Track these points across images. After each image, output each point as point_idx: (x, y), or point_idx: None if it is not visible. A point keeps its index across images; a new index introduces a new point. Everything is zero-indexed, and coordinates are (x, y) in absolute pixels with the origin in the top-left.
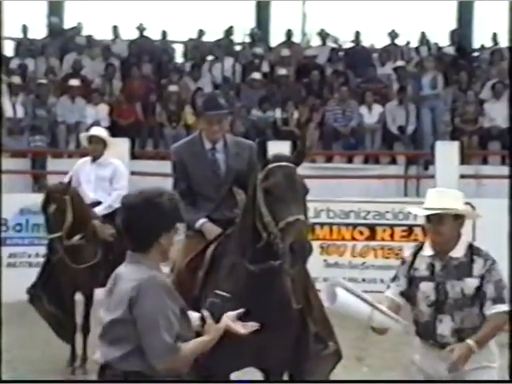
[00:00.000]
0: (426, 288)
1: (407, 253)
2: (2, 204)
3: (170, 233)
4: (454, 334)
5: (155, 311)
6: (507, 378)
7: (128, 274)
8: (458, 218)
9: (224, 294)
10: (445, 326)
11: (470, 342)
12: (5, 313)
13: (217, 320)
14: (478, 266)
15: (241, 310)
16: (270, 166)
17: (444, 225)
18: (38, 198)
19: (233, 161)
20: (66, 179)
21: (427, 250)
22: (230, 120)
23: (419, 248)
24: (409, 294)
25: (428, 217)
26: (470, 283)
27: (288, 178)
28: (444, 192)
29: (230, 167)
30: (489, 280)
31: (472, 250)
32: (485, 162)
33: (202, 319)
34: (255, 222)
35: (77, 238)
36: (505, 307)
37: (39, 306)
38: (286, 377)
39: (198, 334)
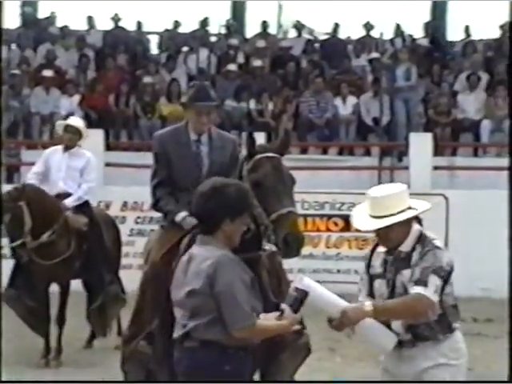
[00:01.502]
0: (379, 285)
1: (367, 249)
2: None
3: (235, 221)
4: (408, 331)
5: (233, 285)
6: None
7: (200, 253)
8: (404, 221)
9: (302, 288)
10: (397, 323)
11: (367, 303)
12: None
13: (295, 311)
14: (415, 256)
15: None
16: (258, 156)
17: (389, 232)
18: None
19: (216, 154)
20: (35, 168)
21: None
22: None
23: (376, 244)
24: (371, 293)
25: None
26: (407, 275)
27: (276, 169)
28: (385, 197)
29: (214, 160)
30: (418, 265)
31: (418, 240)
32: (454, 153)
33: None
34: None
35: (46, 235)
36: (421, 289)
37: (15, 305)
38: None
39: None
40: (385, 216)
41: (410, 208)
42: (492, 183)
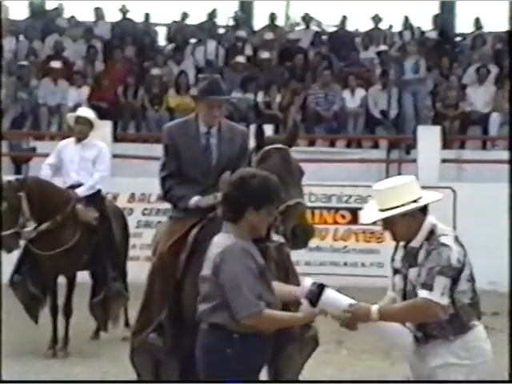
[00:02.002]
0: (398, 280)
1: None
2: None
3: (260, 211)
4: (419, 329)
5: (237, 275)
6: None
7: (218, 240)
8: (407, 213)
9: (321, 283)
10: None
11: (374, 307)
12: None
13: (313, 305)
14: (421, 254)
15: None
16: (266, 148)
17: (394, 225)
18: None
19: (225, 146)
20: (48, 160)
21: None
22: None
23: None
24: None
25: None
26: (413, 272)
27: (285, 161)
28: (389, 189)
29: (223, 153)
30: (424, 265)
31: (427, 236)
32: (462, 146)
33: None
34: None
35: (44, 225)
36: (427, 294)
37: (19, 289)
38: None
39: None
40: (388, 209)
41: (415, 201)
42: (500, 176)
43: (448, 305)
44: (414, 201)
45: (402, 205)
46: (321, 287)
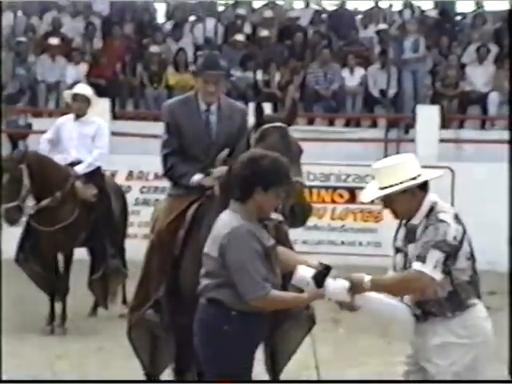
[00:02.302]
0: (399, 259)
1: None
2: None
3: (268, 191)
4: (418, 306)
5: (244, 258)
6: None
7: (225, 218)
8: (407, 191)
9: (328, 264)
10: (408, 298)
11: (366, 277)
12: None
13: (318, 286)
14: (419, 230)
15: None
16: (265, 126)
17: (394, 203)
18: None
19: (225, 124)
20: (45, 136)
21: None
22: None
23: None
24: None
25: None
26: (411, 248)
27: (284, 139)
28: (388, 167)
29: (222, 130)
30: (420, 239)
31: (427, 214)
32: (461, 126)
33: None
34: None
35: (45, 201)
36: (419, 266)
37: (25, 266)
38: None
39: None
40: (387, 187)
41: (414, 178)
42: (499, 156)
43: (441, 280)
44: (413, 178)
45: (401, 182)
46: (327, 268)
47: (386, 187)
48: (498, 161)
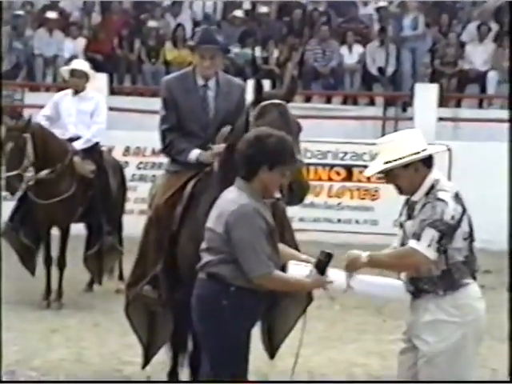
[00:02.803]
0: (400, 234)
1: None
2: None
3: (273, 170)
4: (411, 283)
5: (251, 236)
6: None
7: (230, 195)
8: (409, 165)
9: (329, 252)
10: (404, 274)
11: (364, 254)
12: None
13: (321, 273)
14: (418, 207)
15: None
16: (264, 103)
17: (397, 178)
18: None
19: (223, 99)
20: (43, 111)
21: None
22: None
23: None
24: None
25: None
26: (409, 225)
27: (283, 116)
28: (391, 141)
29: (220, 106)
30: (417, 217)
31: (428, 191)
32: (459, 105)
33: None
34: None
35: (44, 172)
36: (413, 243)
37: (11, 238)
38: None
39: None
40: (390, 161)
41: (417, 153)
42: (496, 135)
43: (435, 258)
44: (417, 153)
45: (403, 157)
46: (329, 256)
47: (389, 161)
48: (496, 140)
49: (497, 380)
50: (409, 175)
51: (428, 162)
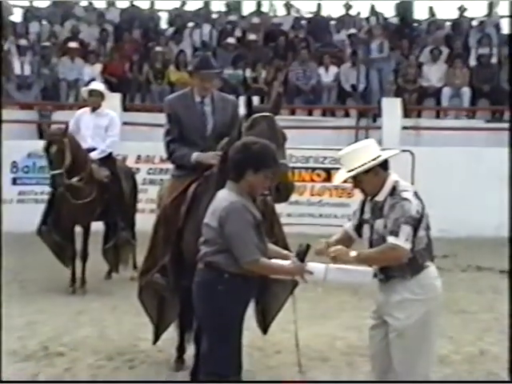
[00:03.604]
0: (366, 229)
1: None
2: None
3: (258, 173)
4: (382, 272)
5: (240, 228)
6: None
7: (223, 195)
8: (369, 171)
9: (307, 243)
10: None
11: (353, 252)
12: (14, 242)
13: (301, 260)
14: (387, 206)
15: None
16: (254, 116)
17: (361, 183)
18: (43, 144)
19: (219, 113)
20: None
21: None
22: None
23: None
24: (359, 234)
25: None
26: (379, 223)
27: (271, 127)
28: (352, 152)
29: (217, 119)
30: (389, 217)
31: (391, 192)
32: (419, 115)
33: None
34: None
35: (75, 179)
36: (393, 239)
37: (46, 237)
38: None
39: None
40: (352, 170)
41: (375, 159)
42: (451, 141)
43: (410, 249)
44: (374, 159)
45: (364, 164)
46: (307, 247)
47: (351, 170)
48: (451, 145)
49: (497, 380)
50: (370, 179)
51: (385, 165)
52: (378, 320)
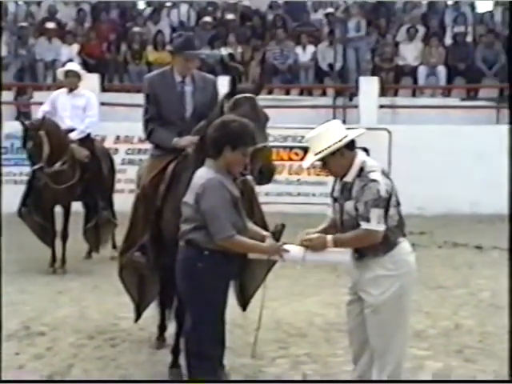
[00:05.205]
0: (336, 208)
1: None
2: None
3: (235, 150)
4: (356, 251)
5: (216, 204)
6: None
7: (201, 173)
8: (335, 152)
9: (282, 223)
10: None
11: (329, 237)
12: None
13: (276, 240)
14: (356, 188)
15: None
16: (237, 96)
17: (328, 164)
18: (20, 125)
19: (199, 93)
20: (43, 107)
21: None
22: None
23: None
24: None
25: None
26: (349, 205)
27: (253, 108)
28: (317, 135)
29: (197, 99)
30: (359, 200)
31: (358, 173)
32: (396, 94)
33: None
34: None
35: (58, 164)
36: (365, 225)
37: (27, 218)
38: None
39: None
40: (318, 153)
41: (340, 141)
42: (428, 119)
43: (383, 230)
44: (340, 141)
45: (329, 146)
46: (282, 227)
47: (318, 153)
48: (428, 123)
49: (497, 380)
50: (337, 160)
51: (351, 146)
52: (354, 296)
